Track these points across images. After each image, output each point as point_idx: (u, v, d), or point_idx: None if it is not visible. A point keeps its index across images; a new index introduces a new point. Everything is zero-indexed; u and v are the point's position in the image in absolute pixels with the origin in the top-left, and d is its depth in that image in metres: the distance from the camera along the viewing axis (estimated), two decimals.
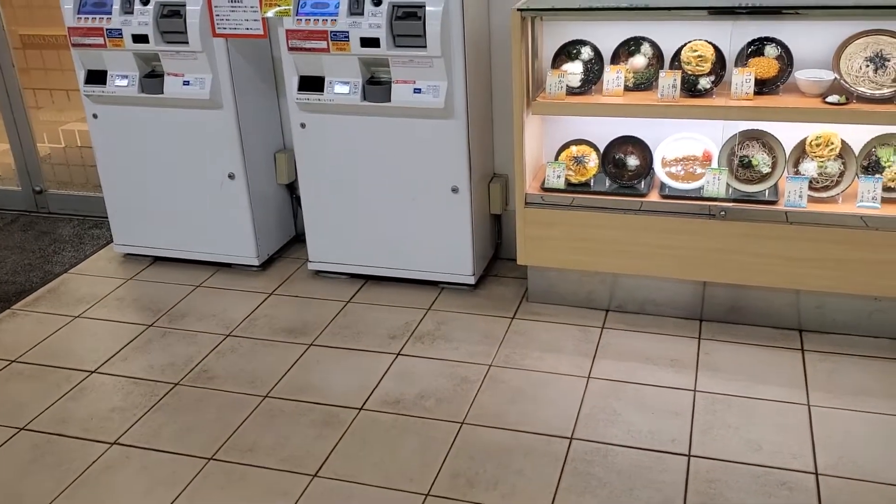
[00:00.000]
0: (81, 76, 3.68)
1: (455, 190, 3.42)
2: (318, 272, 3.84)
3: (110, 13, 3.48)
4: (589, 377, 3.00)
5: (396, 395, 2.96)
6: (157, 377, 3.14)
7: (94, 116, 3.76)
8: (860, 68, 3.00)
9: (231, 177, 3.68)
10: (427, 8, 3.11)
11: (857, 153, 3.10)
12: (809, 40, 3.12)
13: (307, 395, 2.99)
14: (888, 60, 2.96)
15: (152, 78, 3.59)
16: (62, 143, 4.75)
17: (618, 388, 2.94)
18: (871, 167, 3.10)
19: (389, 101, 3.30)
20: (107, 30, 3.49)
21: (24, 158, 4.61)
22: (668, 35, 3.24)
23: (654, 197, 3.23)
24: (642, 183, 3.29)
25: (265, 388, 3.03)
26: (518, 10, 3.03)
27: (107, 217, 4.06)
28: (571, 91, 3.23)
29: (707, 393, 2.89)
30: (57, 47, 4.49)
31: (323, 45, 3.25)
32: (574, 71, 3.24)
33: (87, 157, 4.57)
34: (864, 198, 3.02)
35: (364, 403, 2.92)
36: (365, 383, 3.03)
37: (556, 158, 3.39)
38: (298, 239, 4.16)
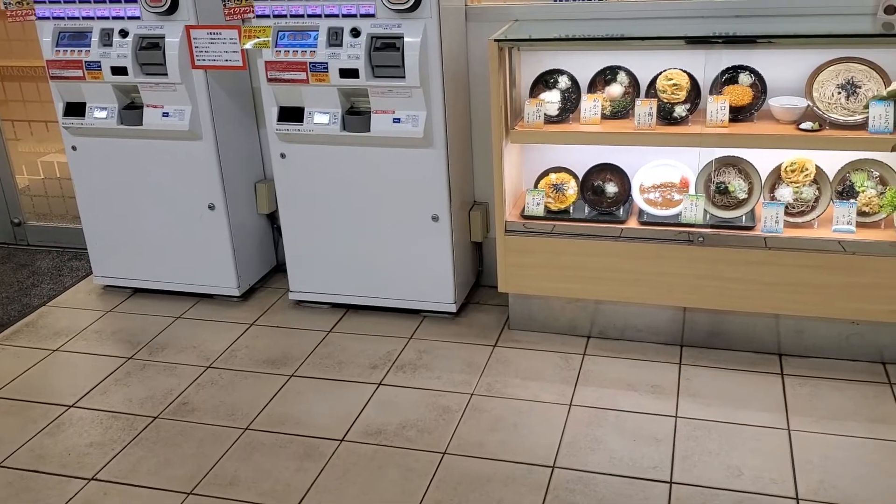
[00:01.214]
0: (60, 108, 3.67)
1: (435, 218, 3.43)
2: (299, 302, 3.83)
3: (89, 46, 3.49)
4: (571, 405, 3.00)
5: (378, 426, 2.94)
6: (136, 411, 3.11)
7: (73, 148, 3.75)
8: (832, 95, 3.04)
9: (211, 207, 3.67)
10: (405, 39, 3.14)
11: (831, 178, 3.14)
12: (782, 68, 3.17)
13: (288, 427, 2.97)
14: (859, 87, 3.01)
15: (131, 109, 3.59)
16: (41, 175, 4.74)
17: (599, 415, 2.94)
18: (846, 192, 3.13)
19: (369, 130, 3.31)
20: (85, 62, 3.49)
21: (2, 190, 4.59)
22: (643, 64, 3.28)
23: (632, 223, 3.25)
24: (621, 210, 3.31)
25: (245, 421, 3.01)
26: (496, 40, 3.06)
27: (86, 249, 4.03)
28: (549, 119, 3.26)
29: (688, 419, 2.89)
30: (36, 79, 4.49)
31: (302, 76, 3.26)
32: (552, 100, 3.27)
33: (67, 189, 4.55)
34: (839, 222, 3.05)
35: (345, 435, 2.91)
36: (346, 414, 3.02)
37: (536, 186, 3.41)
38: (280, 269, 4.15)
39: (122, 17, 3.45)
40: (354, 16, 3.19)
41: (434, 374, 3.24)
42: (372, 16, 3.17)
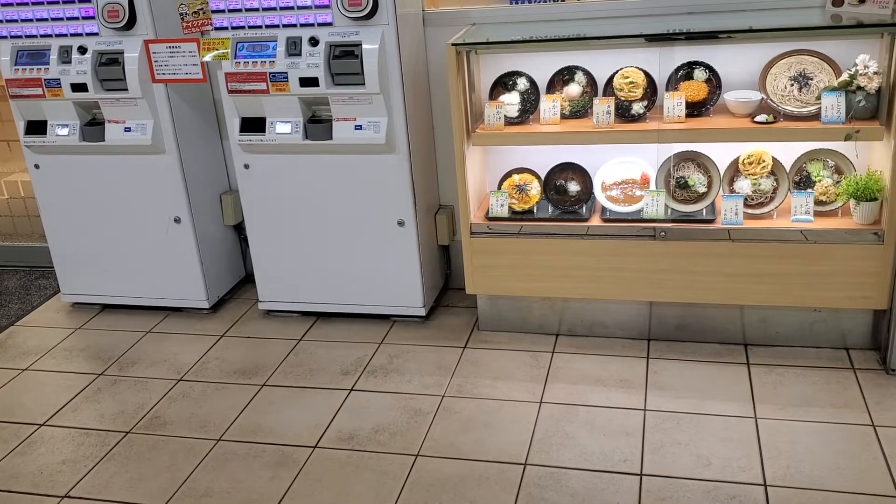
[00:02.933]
0: (21, 127, 3.66)
1: (401, 223, 3.45)
2: (269, 312, 3.83)
3: (48, 63, 3.48)
4: (541, 402, 3.03)
5: (350, 431, 2.95)
6: (107, 426, 3.09)
7: (36, 167, 3.74)
8: (785, 88, 3.10)
9: (177, 220, 3.67)
10: (363, 46, 3.16)
11: (788, 169, 3.20)
12: (736, 63, 3.22)
13: (260, 436, 2.97)
14: (811, 79, 3.07)
15: (93, 126, 3.58)
16: (5, 195, 4.70)
17: (569, 411, 2.97)
18: (803, 182, 3.19)
19: (331, 138, 3.33)
20: (45, 80, 3.48)
21: None
22: (600, 63, 3.32)
23: (596, 221, 3.29)
24: (584, 208, 3.35)
25: (218, 432, 3.01)
26: (453, 44, 3.09)
27: (53, 267, 4.01)
28: (510, 121, 3.29)
29: (657, 412, 2.93)
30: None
31: (262, 86, 3.28)
32: (511, 101, 3.31)
33: (31, 208, 4.52)
34: (797, 212, 3.11)
35: (318, 441, 2.91)
36: (318, 421, 3.03)
37: (499, 187, 3.44)
38: (248, 279, 4.15)
39: (81, 34, 3.45)
40: (312, 25, 3.21)
41: (405, 377, 3.26)
42: (330, 24, 3.19)
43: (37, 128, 3.63)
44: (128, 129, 3.52)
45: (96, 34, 3.44)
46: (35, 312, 4.06)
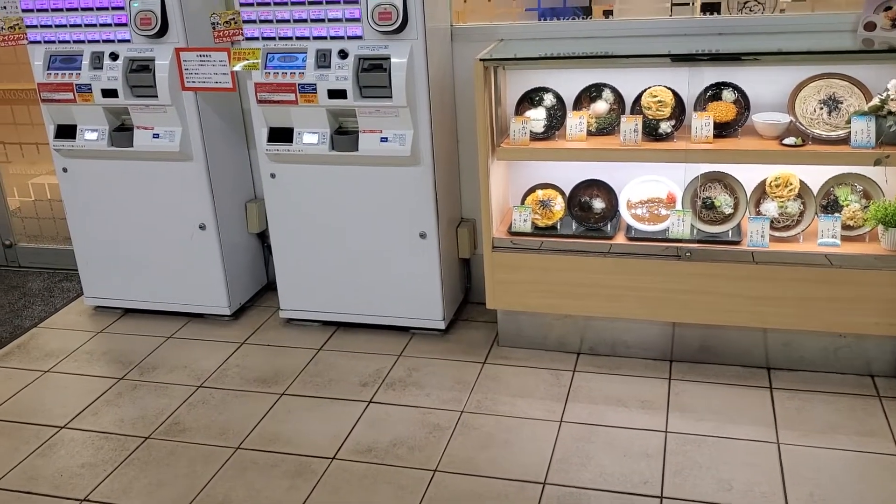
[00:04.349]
0: (51, 131, 3.70)
1: (423, 236, 3.45)
2: (289, 320, 3.84)
3: (80, 69, 3.51)
4: (561, 421, 3.01)
5: (369, 444, 2.95)
6: (127, 431, 3.11)
7: (64, 170, 3.77)
8: (815, 111, 3.08)
9: (202, 227, 3.69)
10: (392, 60, 3.17)
11: (815, 193, 3.17)
12: (765, 85, 3.21)
13: (279, 445, 2.97)
14: (841, 103, 3.05)
15: (122, 131, 3.62)
16: (32, 197, 4.75)
17: (590, 431, 2.95)
18: (830, 206, 3.17)
19: (357, 150, 3.34)
20: (76, 85, 3.52)
21: None
22: (628, 81, 3.31)
23: (620, 239, 3.27)
24: (608, 225, 3.34)
25: (237, 440, 3.01)
26: (481, 60, 3.09)
27: (77, 270, 4.04)
28: (535, 137, 3.29)
29: (678, 434, 2.91)
30: (27, 102, 4.51)
31: (291, 97, 3.29)
32: (537, 117, 3.30)
33: (58, 211, 4.57)
34: (824, 236, 3.08)
35: (336, 453, 2.91)
36: (337, 432, 3.02)
37: (522, 202, 3.43)
38: (270, 287, 4.16)
39: (113, 41, 3.48)
40: (342, 38, 3.22)
41: (424, 391, 3.25)
42: (359, 37, 3.21)
43: (66, 132, 3.67)
44: (156, 136, 3.55)
45: (128, 41, 3.47)
46: (58, 315, 4.09)
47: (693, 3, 3.42)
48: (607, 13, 3.73)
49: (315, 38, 3.26)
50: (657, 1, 3.54)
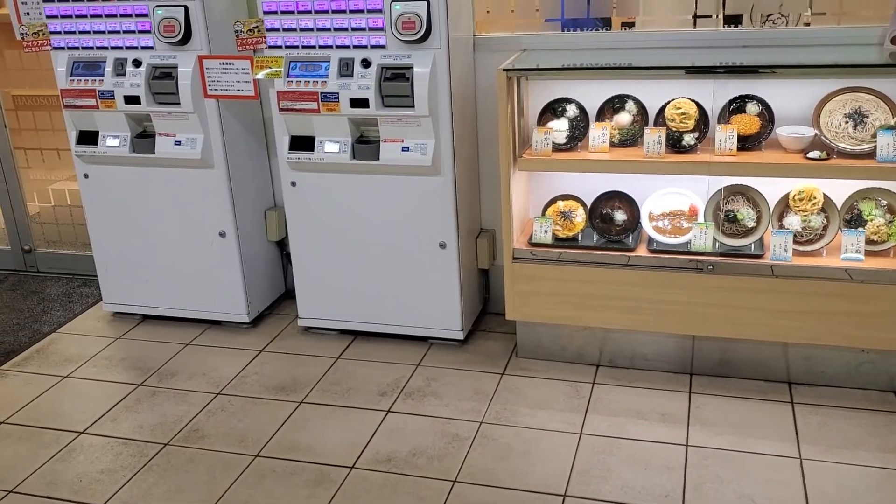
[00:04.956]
0: (73, 136, 3.71)
1: (443, 245, 3.45)
2: (307, 328, 3.84)
3: (103, 75, 3.53)
4: (581, 433, 3.00)
5: (388, 453, 2.94)
6: (146, 437, 3.11)
7: (86, 176, 3.79)
8: (840, 125, 3.07)
9: (222, 235, 3.70)
10: (415, 69, 3.17)
11: (839, 207, 3.15)
12: (790, 98, 3.19)
13: (298, 453, 2.97)
14: (867, 117, 3.04)
15: (144, 138, 3.63)
16: (52, 203, 4.77)
17: (610, 443, 2.93)
18: (854, 221, 3.15)
19: (378, 159, 3.34)
20: (99, 91, 3.53)
21: (13, 218, 4.62)
22: (651, 92, 3.30)
23: (642, 251, 3.26)
24: (630, 237, 3.32)
25: (256, 448, 3.01)
26: (504, 70, 3.09)
27: (96, 275, 4.06)
28: (557, 147, 3.29)
29: (699, 447, 2.89)
30: (49, 108, 4.54)
31: (313, 105, 3.30)
32: (560, 128, 3.30)
33: (77, 216, 4.58)
34: (848, 251, 3.06)
35: (355, 462, 2.90)
36: (356, 441, 3.02)
37: (543, 213, 3.42)
38: (288, 295, 4.16)
39: (136, 47, 3.50)
40: (365, 46, 3.23)
41: (443, 401, 3.24)
42: (382, 47, 3.21)
43: (88, 138, 3.68)
44: (178, 143, 3.56)
45: (151, 48, 3.49)
46: (77, 320, 4.11)
47: (718, 16, 3.40)
48: (626, 25, 3.72)
49: (338, 46, 3.26)
50: (680, 12, 3.53)
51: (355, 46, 3.24)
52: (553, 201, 3.44)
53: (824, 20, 3.28)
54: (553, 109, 3.35)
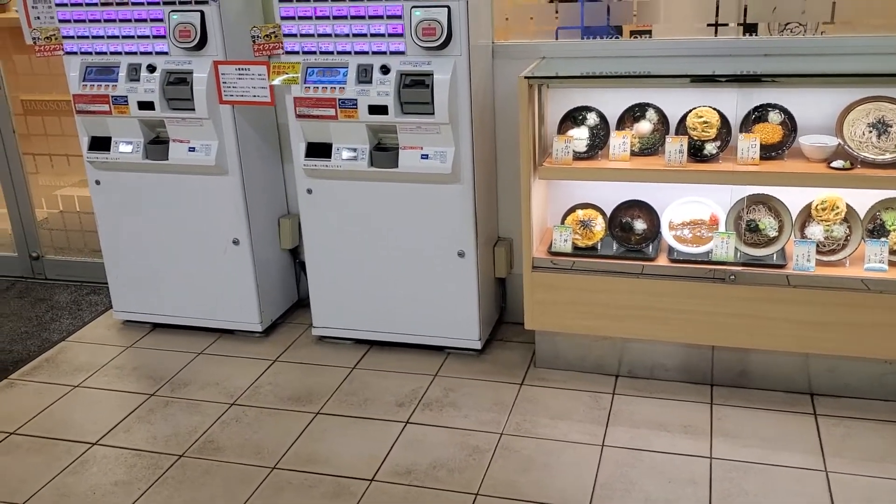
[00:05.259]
0: (85, 142, 3.67)
1: (461, 254, 3.41)
2: (322, 337, 3.79)
3: (116, 80, 3.49)
4: (603, 445, 2.96)
5: (407, 466, 2.90)
6: (160, 449, 3.06)
7: (97, 183, 3.74)
8: (863, 134, 3.04)
9: (236, 242, 3.65)
10: (435, 76, 3.14)
11: (861, 217, 3.12)
12: (812, 106, 3.16)
13: (316, 466, 2.92)
14: (891, 126, 3.01)
15: (157, 144, 3.59)
16: (60, 208, 4.72)
17: (633, 456, 2.90)
18: (877, 230, 3.12)
19: (397, 166, 3.30)
20: (112, 97, 3.49)
21: (21, 224, 4.57)
22: (672, 101, 3.28)
23: (662, 261, 3.23)
24: (650, 247, 3.29)
25: (272, 460, 2.96)
26: (526, 77, 3.06)
27: (105, 283, 4.01)
28: (578, 156, 3.25)
29: (723, 460, 2.85)
30: (59, 113, 4.49)
31: (331, 112, 3.26)
32: (580, 136, 3.27)
33: (86, 223, 4.54)
34: (871, 261, 3.03)
35: (375, 474, 2.86)
36: (375, 453, 2.97)
37: (562, 222, 3.39)
38: (301, 304, 4.12)
39: (150, 53, 3.46)
40: (384, 53, 3.20)
41: (461, 412, 3.20)
42: (402, 53, 3.18)
43: (100, 144, 3.64)
44: (192, 149, 3.52)
45: (166, 53, 3.45)
46: (86, 328, 4.05)
47: (737, 24, 3.38)
48: (635, 34, 3.69)
49: (356, 52, 3.23)
50: (697, 21, 3.50)
51: (374, 52, 3.21)
52: (572, 210, 3.40)
53: (846, 28, 3.26)
54: (573, 117, 3.32)
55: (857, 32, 3.29)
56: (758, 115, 3.17)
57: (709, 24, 3.56)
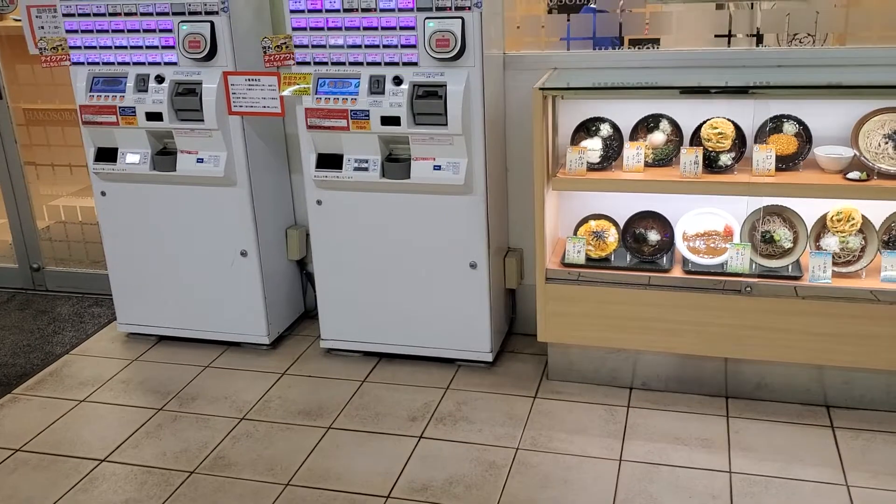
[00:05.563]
0: (91, 153, 3.62)
1: (473, 266, 3.38)
2: (330, 350, 3.75)
3: (124, 91, 3.45)
4: (620, 460, 2.93)
5: (423, 482, 2.86)
6: (170, 465, 3.01)
7: (103, 194, 3.69)
8: (879, 145, 3.03)
9: (243, 254, 3.61)
10: (448, 87, 3.11)
11: (877, 228, 3.11)
12: (827, 118, 3.15)
13: (330, 482, 2.88)
14: None
15: (164, 155, 3.54)
16: (63, 219, 4.66)
17: (651, 470, 2.87)
18: (892, 242, 3.11)
19: (409, 178, 3.27)
20: (120, 108, 3.45)
21: (22, 235, 4.51)
22: (685, 112, 3.26)
23: (677, 272, 3.21)
24: (664, 258, 3.27)
25: (286, 476, 2.92)
26: (540, 89, 3.04)
27: (107, 294, 3.96)
28: (591, 167, 3.23)
29: (743, 474, 2.82)
30: (62, 123, 4.44)
31: (343, 123, 3.23)
32: (593, 147, 3.25)
33: (89, 233, 4.48)
34: (888, 272, 3.02)
35: (391, 491, 2.82)
36: (389, 469, 2.93)
37: (575, 233, 3.36)
38: (307, 315, 4.08)
39: (159, 63, 3.42)
40: (397, 64, 3.17)
41: (475, 426, 3.17)
42: (415, 64, 3.15)
43: (107, 155, 3.60)
44: (200, 161, 3.48)
45: (174, 63, 3.41)
46: (90, 341, 4.00)
47: (747, 35, 3.38)
48: (634, 43, 3.67)
49: (369, 63, 3.20)
50: (706, 31, 3.50)
51: (387, 63, 3.18)
52: (584, 221, 3.38)
53: (862, 39, 3.26)
54: (587, 128, 3.30)
55: (869, 44, 3.28)
56: (773, 126, 3.15)
57: (717, 35, 3.56)
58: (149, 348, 3.89)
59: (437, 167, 3.24)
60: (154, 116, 3.43)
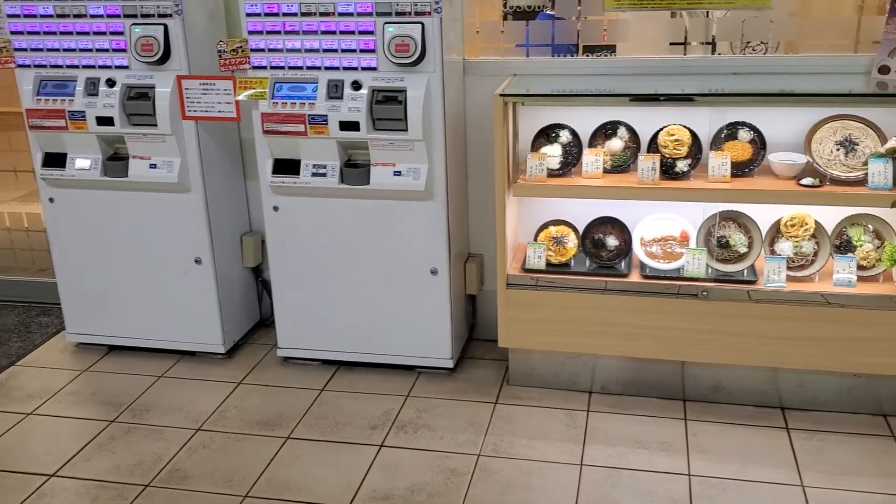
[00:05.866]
0: (38, 159, 3.51)
1: (434, 272, 3.36)
2: (287, 358, 3.69)
3: (73, 95, 3.35)
4: (581, 464, 2.94)
5: (385, 491, 2.83)
6: (124, 479, 2.93)
7: (51, 200, 3.59)
8: (831, 152, 3.09)
9: (198, 261, 3.54)
10: (408, 93, 3.09)
11: (829, 233, 3.18)
12: (781, 124, 3.21)
13: (290, 493, 2.83)
14: (857, 144, 3.07)
15: (116, 160, 3.46)
16: (7, 225, 4.51)
17: (612, 474, 2.88)
18: (843, 246, 3.17)
19: (368, 183, 3.24)
20: (69, 112, 3.35)
21: None
22: (643, 119, 3.29)
23: (635, 277, 3.23)
24: (622, 263, 3.29)
25: (244, 488, 2.86)
26: (501, 95, 3.04)
27: (55, 303, 3.85)
28: (551, 173, 3.24)
29: (701, 477, 2.85)
30: (6, 127, 4.30)
31: (300, 128, 3.19)
32: (553, 153, 3.26)
33: (35, 241, 4.35)
34: (840, 276, 3.09)
35: (352, 500, 2.78)
36: (350, 478, 2.90)
37: (535, 239, 3.37)
38: (263, 324, 4.02)
39: (110, 66, 3.33)
40: (356, 68, 3.14)
41: (437, 433, 3.15)
42: (374, 69, 3.13)
43: (55, 160, 3.49)
44: (153, 166, 3.40)
45: (126, 67, 3.33)
46: (37, 352, 3.88)
47: (702, 43, 3.43)
48: (588, 50, 3.69)
49: (327, 68, 3.16)
50: (663, 39, 3.54)
51: (345, 68, 3.15)
52: (545, 226, 3.39)
53: (812, 48, 3.33)
54: (547, 135, 3.31)
55: (821, 52, 3.36)
56: (728, 132, 3.20)
57: (672, 43, 3.61)
58: (100, 358, 3.79)
59: (398, 173, 3.22)
60: (105, 121, 3.34)
